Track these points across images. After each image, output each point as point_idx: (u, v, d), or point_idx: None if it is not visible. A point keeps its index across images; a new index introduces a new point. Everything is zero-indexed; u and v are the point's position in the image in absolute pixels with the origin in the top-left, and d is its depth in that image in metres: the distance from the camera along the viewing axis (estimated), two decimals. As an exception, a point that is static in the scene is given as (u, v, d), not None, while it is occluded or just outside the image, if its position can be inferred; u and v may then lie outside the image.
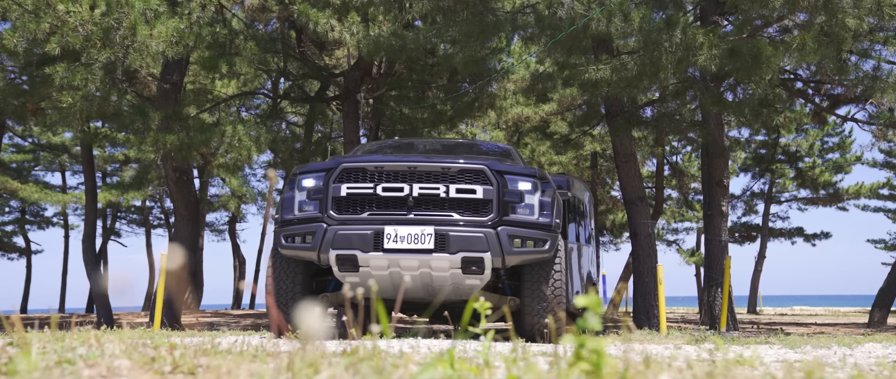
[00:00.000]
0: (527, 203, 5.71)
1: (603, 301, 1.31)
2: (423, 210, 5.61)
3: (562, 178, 6.90)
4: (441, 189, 5.63)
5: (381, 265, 5.57)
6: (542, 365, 2.42)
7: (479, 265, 5.54)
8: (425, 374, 1.35)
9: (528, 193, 5.74)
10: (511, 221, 5.64)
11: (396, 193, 5.63)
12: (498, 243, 5.53)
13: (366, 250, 5.52)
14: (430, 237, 5.48)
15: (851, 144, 28.62)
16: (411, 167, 5.71)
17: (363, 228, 5.55)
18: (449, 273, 5.60)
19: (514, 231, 5.61)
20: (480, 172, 5.71)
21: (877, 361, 3.26)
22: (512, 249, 5.55)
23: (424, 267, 5.56)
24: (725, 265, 11.04)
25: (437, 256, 5.48)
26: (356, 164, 5.77)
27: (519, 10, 11.39)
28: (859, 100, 13.20)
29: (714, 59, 9.36)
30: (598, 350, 1.29)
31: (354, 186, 5.68)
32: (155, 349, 2.23)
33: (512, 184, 5.72)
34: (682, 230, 29.80)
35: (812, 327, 13.63)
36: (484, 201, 5.66)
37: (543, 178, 5.94)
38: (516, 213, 5.68)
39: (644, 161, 21.65)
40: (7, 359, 1.59)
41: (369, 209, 5.66)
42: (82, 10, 9.05)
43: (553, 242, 5.75)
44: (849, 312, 28.62)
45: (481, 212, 5.64)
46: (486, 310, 1.90)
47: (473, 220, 5.59)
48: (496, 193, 5.64)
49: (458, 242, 5.48)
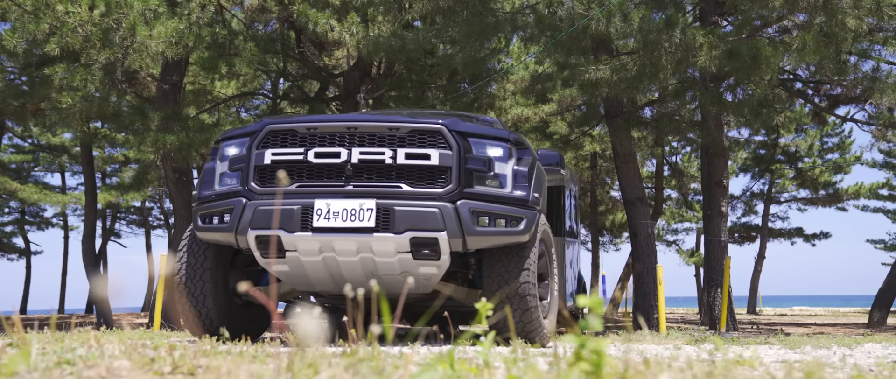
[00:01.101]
0: (497, 172, 4.65)
1: (603, 301, 1.30)
2: (365, 180, 4.55)
3: (554, 155, 5.91)
4: (387, 154, 4.54)
5: (311, 249, 4.51)
6: (542, 365, 2.42)
7: (432, 248, 4.48)
8: (425, 374, 1.35)
9: (498, 161, 4.67)
10: (476, 193, 4.56)
11: (331, 158, 4.58)
12: (457, 220, 4.44)
13: (291, 230, 4.46)
14: (370, 213, 4.41)
15: (851, 145, 28.66)
16: (351, 127, 4.63)
17: (289, 203, 4.50)
18: (396, 259, 4.53)
19: (480, 206, 4.53)
20: (437, 134, 4.60)
21: (876, 362, 3.26)
22: (475, 229, 4.48)
23: (365, 251, 4.50)
24: (725, 265, 11.04)
25: (379, 236, 4.40)
26: (284, 126, 4.73)
27: (519, 11, 11.39)
28: (859, 100, 13.21)
29: (714, 59, 9.36)
30: (598, 350, 1.29)
31: (281, 152, 4.65)
32: (155, 350, 2.23)
33: (478, 148, 4.67)
34: (682, 230, 29.84)
35: (812, 328, 13.63)
36: (440, 169, 4.55)
37: (520, 144, 4.87)
38: (483, 184, 4.61)
39: (644, 161, 21.66)
40: (7, 359, 1.58)
41: (299, 179, 4.62)
42: (82, 11, 9.05)
43: (531, 222, 4.65)
44: (848, 313, 28.63)
45: (437, 182, 4.55)
46: (486, 310, 1.90)
47: (427, 192, 4.51)
48: (456, 159, 4.55)
49: (406, 218, 4.40)
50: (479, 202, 4.56)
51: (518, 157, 4.82)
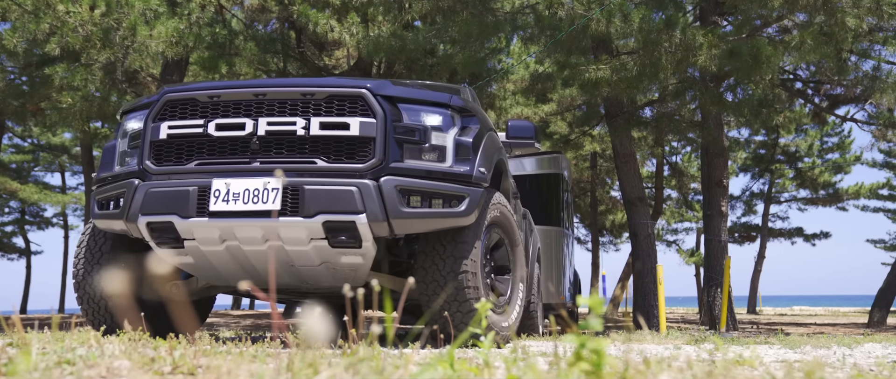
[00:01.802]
0: (435, 144, 3.96)
1: (604, 301, 1.29)
2: (274, 155, 3.89)
3: (527, 126, 5.25)
4: (299, 124, 3.85)
5: (210, 237, 3.86)
6: (542, 365, 2.42)
7: (350, 234, 3.80)
8: (425, 374, 1.35)
9: (436, 130, 3.98)
10: (405, 168, 3.86)
11: (235, 131, 3.92)
12: (379, 200, 3.75)
13: (186, 215, 3.81)
14: (276, 193, 3.75)
15: (851, 145, 28.69)
16: (259, 94, 3.97)
17: (184, 184, 3.87)
18: (310, 247, 3.85)
19: (409, 183, 3.84)
20: (358, 99, 3.89)
21: (876, 361, 3.26)
22: (403, 210, 3.79)
23: (273, 238, 3.83)
24: (725, 265, 11.04)
25: (286, 221, 3.73)
26: (183, 94, 4.08)
27: (519, 11, 11.39)
28: (859, 100, 13.22)
29: (714, 59, 9.37)
30: (598, 350, 1.29)
31: (179, 125, 4.00)
32: (155, 350, 2.24)
33: (411, 116, 3.97)
34: (682, 230, 29.86)
35: (812, 327, 13.63)
36: (362, 140, 3.84)
37: (465, 111, 4.17)
38: (416, 157, 3.91)
39: (644, 161, 21.68)
40: (7, 359, 1.59)
41: (199, 156, 3.96)
42: (82, 11, 9.06)
43: (474, 202, 3.95)
44: (848, 312, 28.64)
45: (358, 156, 3.84)
46: (486, 310, 1.90)
47: (346, 167, 3.81)
48: (382, 128, 3.84)
49: (318, 199, 3.72)
50: (408, 179, 3.85)
51: (462, 125, 4.12)
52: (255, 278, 4.23)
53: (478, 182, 4.04)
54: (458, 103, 4.15)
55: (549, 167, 11.08)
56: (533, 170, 11.03)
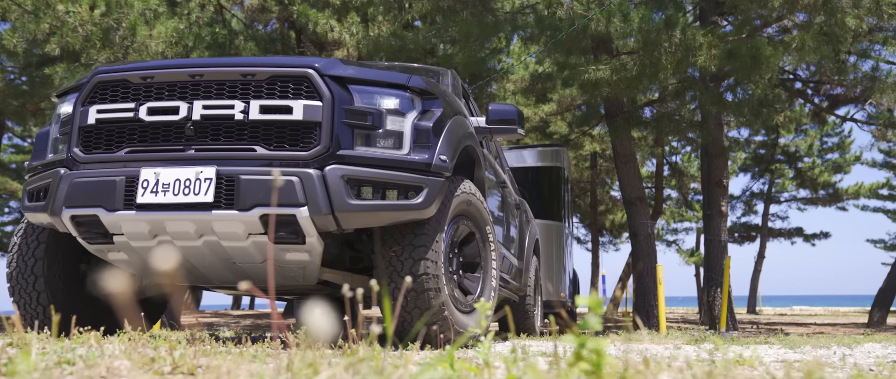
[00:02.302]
0: (390, 129, 3.61)
1: (604, 300, 1.29)
2: (211, 142, 3.54)
3: (510, 109, 4.91)
4: (237, 107, 3.52)
5: (139, 232, 3.54)
6: (542, 365, 2.42)
7: (291, 229, 3.47)
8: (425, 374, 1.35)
9: (393, 114, 3.63)
10: (355, 157, 3.50)
11: (168, 115, 3.58)
12: (323, 192, 3.39)
13: (112, 208, 3.48)
14: (209, 184, 3.42)
15: (851, 144, 28.72)
16: (195, 74, 3.63)
17: (111, 174, 3.53)
18: (249, 243, 3.53)
19: (358, 172, 3.47)
20: (303, 80, 3.55)
21: (876, 361, 3.26)
22: (350, 202, 3.43)
23: (207, 234, 3.51)
24: (725, 265, 11.05)
25: (220, 214, 3.40)
26: (115, 75, 3.72)
27: (519, 11, 11.40)
28: (859, 100, 13.22)
29: (713, 59, 9.38)
30: (598, 350, 1.29)
31: (109, 109, 3.65)
32: (155, 350, 2.24)
33: (363, 98, 3.61)
34: (682, 230, 29.87)
35: (811, 327, 13.64)
36: (307, 125, 3.50)
37: (426, 94, 3.80)
38: (369, 144, 3.56)
39: (644, 161, 21.68)
40: (7, 359, 1.59)
41: (130, 143, 3.62)
42: (82, 11, 9.06)
43: (434, 193, 3.60)
44: (848, 312, 28.65)
45: (302, 142, 3.50)
46: (486, 310, 1.91)
47: (287, 155, 3.48)
48: (329, 113, 3.49)
49: (254, 190, 3.39)
50: (358, 167, 3.48)
51: (422, 109, 3.76)
52: (199, 277, 3.92)
53: (438, 171, 3.66)
54: (417, 85, 3.77)
55: (550, 160, 10.94)
56: (534, 162, 10.89)
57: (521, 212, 6.84)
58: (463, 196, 3.98)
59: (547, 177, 10.87)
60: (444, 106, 3.88)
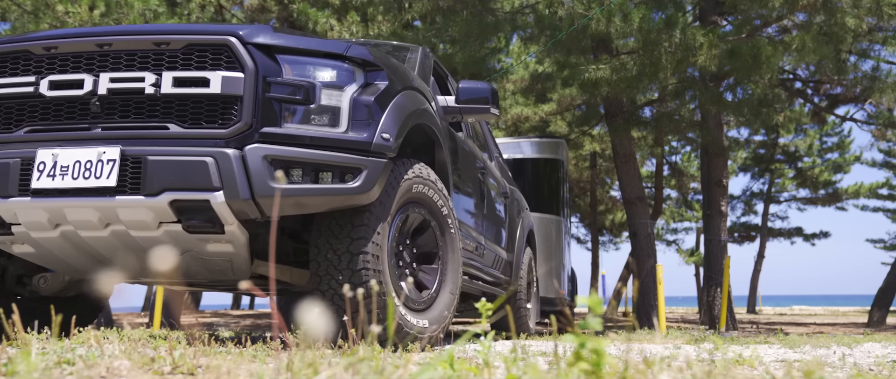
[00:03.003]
0: (325, 105, 3.20)
1: (603, 300, 1.28)
2: (119, 120, 3.14)
3: (483, 88, 4.52)
4: (148, 80, 3.12)
5: (38, 221, 3.16)
6: (542, 365, 2.42)
7: (205, 216, 3.08)
8: (425, 374, 1.35)
9: (329, 88, 3.23)
10: (282, 135, 3.12)
11: (72, 89, 3.18)
12: (242, 174, 3.01)
13: (5, 194, 3.12)
14: (112, 166, 3.03)
15: (850, 144, 28.74)
16: (103, 43, 3.22)
17: (6, 155, 3.17)
18: (161, 232, 3.15)
19: (284, 152, 3.08)
20: (223, 48, 3.16)
21: (876, 361, 3.26)
22: (272, 186, 3.02)
23: (113, 222, 3.11)
24: (725, 265, 11.05)
25: (124, 200, 3.01)
26: (16, 46, 3.33)
27: (518, 10, 11.40)
28: (858, 100, 13.24)
29: (713, 59, 9.38)
30: (598, 350, 1.30)
31: (8, 83, 3.27)
32: (155, 350, 2.24)
33: (294, 69, 3.22)
34: (682, 230, 29.89)
35: (811, 327, 13.64)
36: (226, 100, 3.11)
37: (369, 65, 3.39)
38: (299, 121, 3.16)
39: (643, 161, 21.69)
40: (7, 359, 1.59)
41: (30, 122, 3.23)
42: (82, 11, 9.07)
43: (375, 176, 3.22)
44: (848, 312, 28.67)
45: (221, 119, 3.11)
46: (486, 310, 1.91)
47: (203, 133, 3.09)
48: (252, 85, 3.10)
49: (163, 173, 3.01)
50: (285, 147, 3.09)
51: (365, 83, 3.34)
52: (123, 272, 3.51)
53: (380, 151, 3.25)
54: (358, 55, 3.35)
55: (549, 152, 10.58)
56: (532, 154, 10.49)
57: (512, 201, 6.43)
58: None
59: (545, 169, 10.49)
60: (391, 79, 3.45)
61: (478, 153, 5.28)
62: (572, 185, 20.30)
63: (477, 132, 5.95)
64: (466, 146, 4.91)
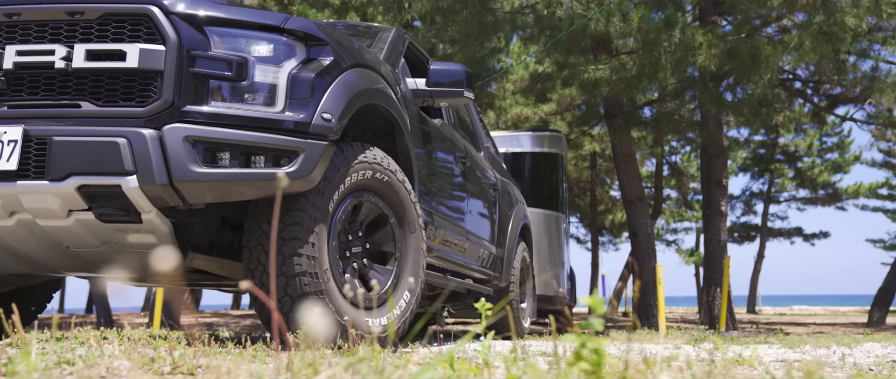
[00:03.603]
0: (258, 81, 2.93)
1: (603, 300, 1.27)
2: (27, 97, 2.88)
3: (456, 70, 4.22)
4: (59, 54, 2.85)
5: None
6: (542, 365, 2.42)
7: (118, 204, 2.80)
8: (425, 374, 1.35)
9: (262, 63, 2.95)
10: (208, 114, 2.84)
11: None
12: (159, 156, 2.73)
13: None
14: (12, 148, 2.77)
15: (850, 144, 28.74)
16: (11, 13, 2.95)
17: None
18: (71, 222, 2.88)
19: (209, 133, 2.81)
20: (143, 19, 2.88)
21: (876, 361, 3.27)
22: (197, 170, 2.76)
23: (18, 211, 2.86)
24: (724, 265, 11.05)
25: (27, 186, 2.75)
26: None
27: (518, 10, 11.40)
28: (858, 100, 13.24)
29: (713, 58, 9.38)
30: (598, 350, 1.30)
31: None
32: (155, 350, 2.24)
33: (224, 42, 2.93)
34: (682, 230, 29.89)
35: (811, 327, 13.64)
36: (144, 75, 2.84)
37: (312, 40, 3.10)
38: (228, 99, 2.89)
39: (643, 161, 21.69)
40: (7, 359, 1.59)
41: None
42: None
43: (312, 160, 2.94)
44: (848, 312, 28.68)
45: (138, 96, 2.84)
46: (485, 310, 1.91)
47: (118, 112, 2.81)
48: (174, 59, 2.83)
49: (69, 155, 2.74)
50: (209, 127, 2.81)
51: (305, 58, 3.06)
52: (39, 266, 3.26)
53: (320, 133, 2.97)
54: (299, 27, 3.07)
55: (548, 146, 10.26)
56: (530, 147, 10.16)
57: (502, 193, 6.08)
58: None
59: (544, 163, 10.15)
60: (337, 54, 3.15)
61: (459, 142, 4.99)
62: (572, 186, 20.30)
63: (465, 121, 5.71)
64: (444, 133, 4.62)
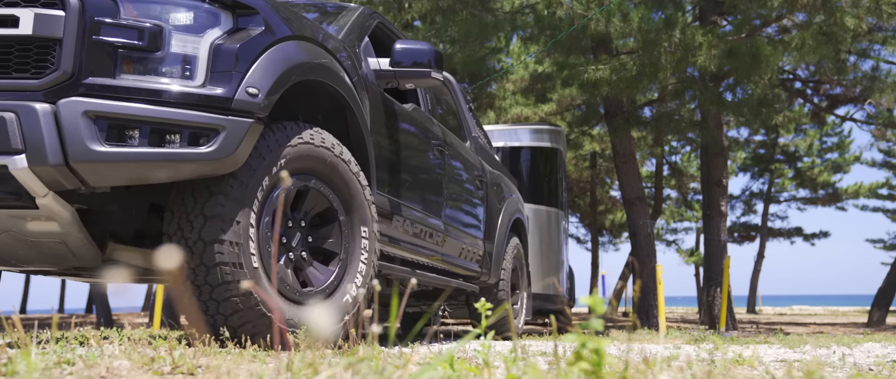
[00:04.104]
0: (175, 52, 2.64)
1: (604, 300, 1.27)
2: None
3: (425, 50, 3.92)
4: None
5: None
6: (542, 365, 2.42)
7: (7, 187, 2.53)
8: (425, 374, 1.35)
9: (180, 32, 2.66)
10: (114, 87, 2.53)
11: None
12: (51, 133, 2.45)
13: None
14: None
15: (850, 144, 28.77)
16: None
17: None
18: None
19: (113, 108, 2.50)
20: None
21: (876, 361, 3.27)
22: (97, 149, 2.46)
23: None
24: (724, 265, 11.05)
25: None
26: None
27: (518, 10, 11.40)
28: (858, 100, 13.25)
29: (713, 58, 9.38)
30: (598, 350, 1.30)
31: None
32: (155, 350, 2.24)
33: (137, 8, 2.64)
34: (682, 230, 29.90)
35: (811, 327, 13.64)
36: (41, 44, 2.54)
37: (239, 7, 2.82)
38: (139, 72, 2.59)
39: (643, 161, 21.69)
40: (7, 359, 1.59)
41: None
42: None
43: (235, 139, 2.65)
44: (848, 312, 28.69)
45: (32, 67, 2.54)
46: (485, 310, 1.91)
47: (10, 84, 2.52)
48: (75, 26, 2.52)
49: None
50: (117, 102, 2.50)
51: (232, 28, 2.78)
52: None
53: (245, 109, 2.68)
54: None
55: (547, 140, 9.99)
56: (529, 141, 9.89)
57: (491, 185, 5.76)
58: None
59: (543, 158, 9.86)
60: (270, 24, 2.87)
61: (435, 129, 4.66)
62: (572, 186, 20.29)
63: (449, 109, 5.45)
64: (416, 118, 4.31)
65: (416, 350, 2.81)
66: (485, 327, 1.78)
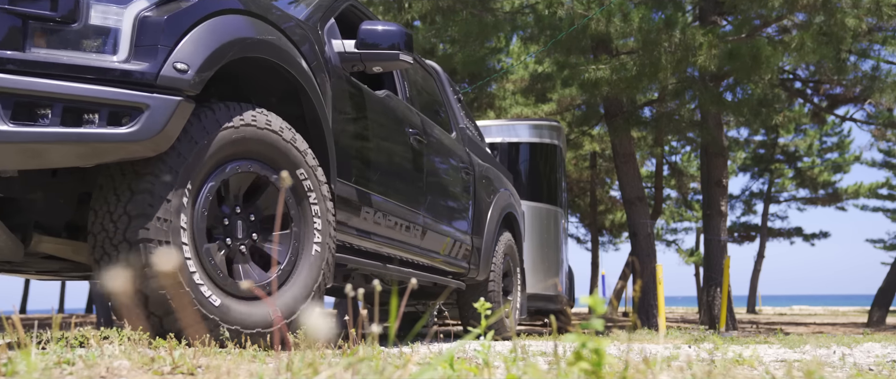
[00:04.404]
0: (94, 24, 2.42)
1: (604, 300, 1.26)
2: None
3: (394, 32, 3.70)
4: None
5: None
6: (542, 365, 2.42)
7: None
8: (425, 374, 1.35)
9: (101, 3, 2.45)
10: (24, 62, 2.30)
11: None
12: None
13: None
14: None
15: (850, 144, 28.79)
16: None
17: None
18: None
19: (21, 84, 2.27)
20: None
21: (876, 361, 3.27)
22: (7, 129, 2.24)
23: None
24: (724, 265, 11.05)
25: None
26: None
27: (518, 10, 11.41)
28: (858, 100, 13.25)
29: (713, 58, 9.39)
30: (598, 350, 1.30)
31: None
32: (154, 350, 2.24)
33: None
34: (682, 230, 29.91)
35: (811, 327, 13.65)
36: None
37: None
38: (55, 45, 2.38)
39: (643, 161, 21.70)
40: (7, 359, 1.59)
41: None
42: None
43: (160, 118, 2.43)
44: (848, 312, 28.70)
45: None
46: (485, 309, 1.91)
47: None
48: None
49: None
50: (26, 77, 2.28)
51: None
52: None
53: (172, 86, 2.46)
54: None
55: (547, 136, 9.80)
56: (528, 137, 9.69)
57: (479, 178, 5.51)
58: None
59: (542, 154, 9.66)
60: None
61: (412, 117, 4.43)
62: (572, 185, 20.29)
63: (434, 98, 5.27)
64: (389, 105, 4.07)
65: (416, 350, 2.81)
66: (484, 328, 1.79)
